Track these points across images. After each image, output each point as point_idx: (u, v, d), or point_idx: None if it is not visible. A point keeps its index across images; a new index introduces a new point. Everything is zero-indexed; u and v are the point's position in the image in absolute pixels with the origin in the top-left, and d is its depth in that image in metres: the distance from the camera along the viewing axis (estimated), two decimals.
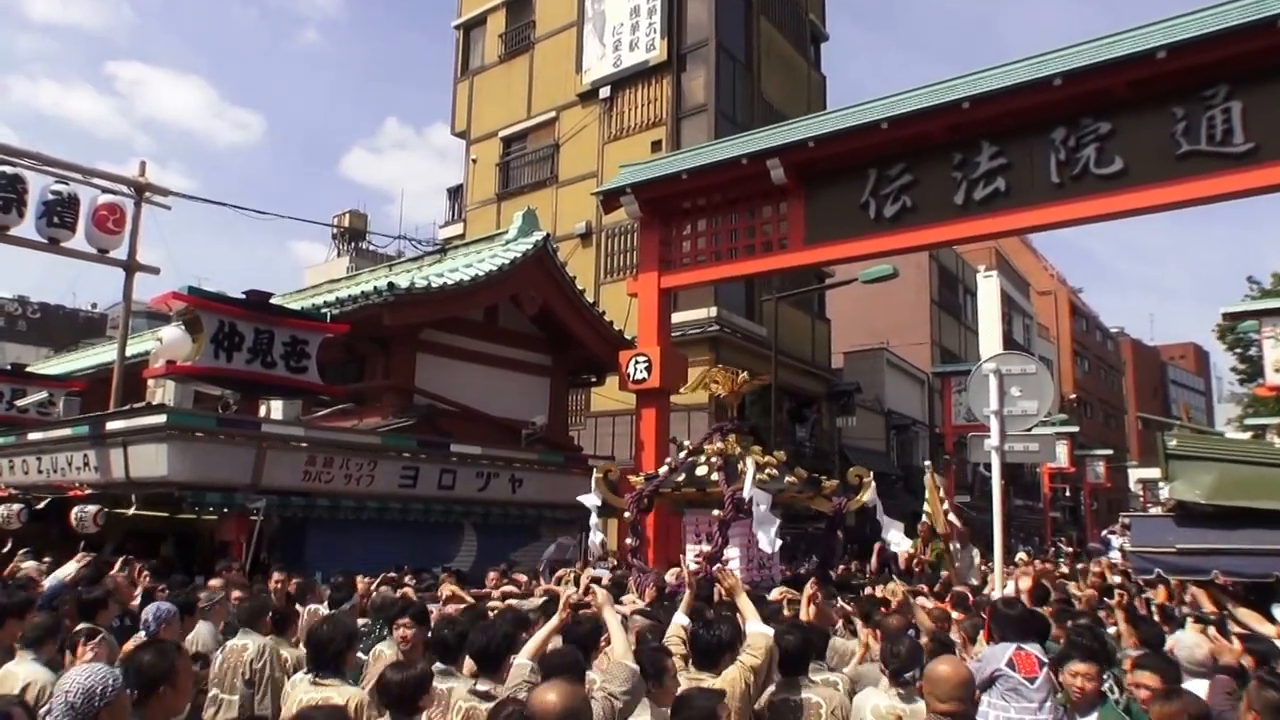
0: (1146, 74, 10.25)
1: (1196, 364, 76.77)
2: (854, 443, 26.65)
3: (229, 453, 10.25)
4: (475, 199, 25.75)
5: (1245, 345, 24.51)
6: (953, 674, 3.41)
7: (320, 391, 11.93)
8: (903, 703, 4.15)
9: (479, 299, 13.95)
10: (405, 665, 3.82)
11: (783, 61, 24.43)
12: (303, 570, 9.55)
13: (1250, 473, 7.30)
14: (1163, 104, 10.37)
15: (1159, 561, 6.93)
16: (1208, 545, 6.71)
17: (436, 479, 12.57)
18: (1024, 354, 8.94)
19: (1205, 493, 7.10)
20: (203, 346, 10.18)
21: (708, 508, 10.01)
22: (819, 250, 13.38)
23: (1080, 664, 4.22)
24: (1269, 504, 6.77)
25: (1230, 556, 6.52)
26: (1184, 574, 6.73)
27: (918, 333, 34.02)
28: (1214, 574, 6.20)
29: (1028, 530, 34.96)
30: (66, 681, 2.74)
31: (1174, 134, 10.26)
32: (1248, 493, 6.96)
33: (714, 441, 10.50)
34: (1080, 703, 4.20)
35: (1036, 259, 54.13)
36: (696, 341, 19.66)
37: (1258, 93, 9.81)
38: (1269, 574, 6.37)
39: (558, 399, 16.15)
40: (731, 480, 9.62)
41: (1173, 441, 8.18)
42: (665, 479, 10.54)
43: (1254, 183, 9.99)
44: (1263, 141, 9.76)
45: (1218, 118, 10.00)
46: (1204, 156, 10.10)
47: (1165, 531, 7.18)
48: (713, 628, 4.32)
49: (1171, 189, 10.36)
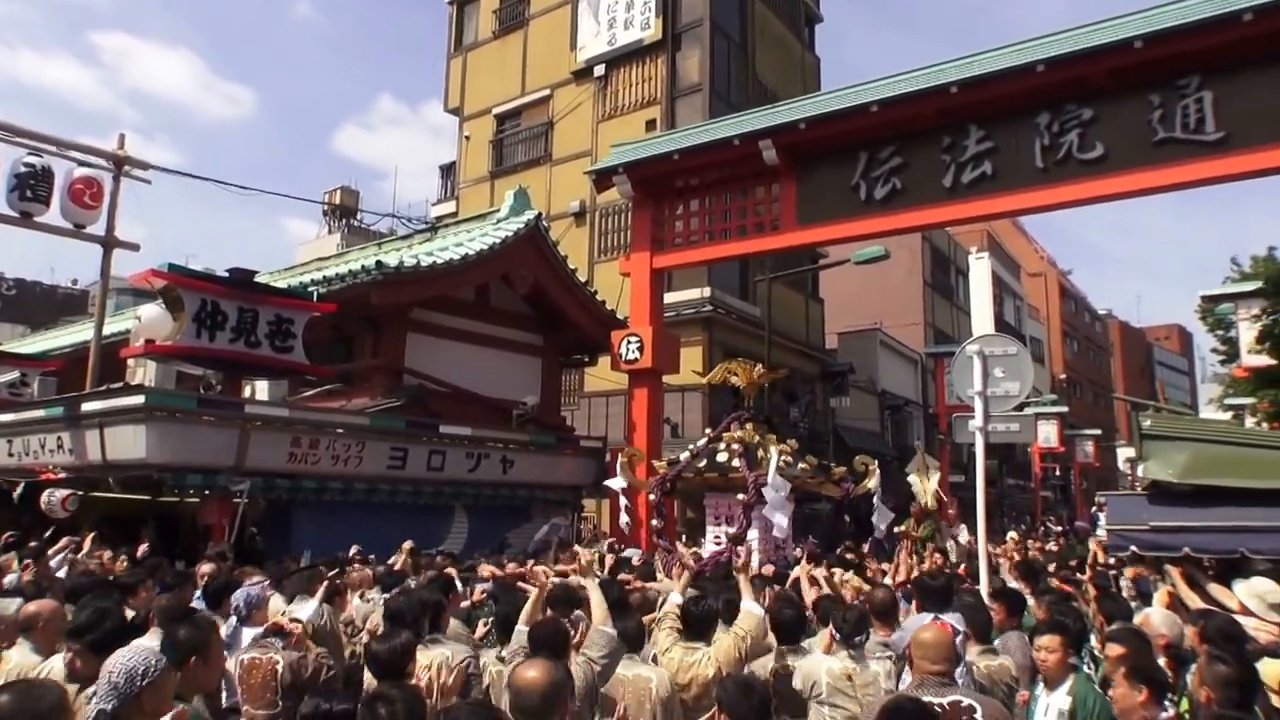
0: (1125, 62, 10.57)
1: (1181, 345, 77.14)
2: (848, 423, 26.67)
3: (211, 434, 10.06)
4: (468, 177, 25.55)
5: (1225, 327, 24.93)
6: (938, 639, 3.65)
7: (306, 372, 11.82)
8: (853, 663, 4.55)
9: (470, 278, 13.82)
10: (391, 635, 3.96)
11: (777, 42, 24.24)
12: (289, 554, 9.49)
13: (1220, 452, 7.42)
14: (1141, 92, 10.71)
15: (1133, 539, 7.00)
16: (1179, 523, 6.80)
17: (426, 460, 12.46)
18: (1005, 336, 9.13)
19: (1178, 471, 7.17)
20: (184, 325, 10.01)
21: (729, 492, 10.92)
22: (811, 231, 13.42)
23: (1044, 637, 4.38)
24: (1237, 482, 6.88)
25: (1200, 534, 6.65)
26: (1157, 551, 6.85)
27: (911, 313, 34.00)
28: (1183, 550, 6.35)
29: (1019, 510, 35.07)
30: (111, 662, 2.82)
31: (1151, 121, 10.61)
32: (1218, 471, 7.08)
33: (733, 429, 11.23)
34: (1049, 674, 4.35)
35: (1027, 241, 54.12)
36: (690, 322, 19.59)
37: (1227, 83, 10.23)
38: (1235, 550, 6.48)
39: (550, 379, 16.05)
40: (753, 466, 10.46)
41: (1147, 422, 8.26)
42: (688, 464, 11.32)
43: (1225, 170, 10.38)
44: (1233, 130, 10.14)
45: (1191, 106, 10.38)
46: (1179, 144, 10.48)
47: (1139, 510, 7.23)
48: (700, 602, 4.77)
49: (1150, 174, 10.71)
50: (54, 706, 2.43)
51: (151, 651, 2.93)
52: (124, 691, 2.74)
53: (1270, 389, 18.35)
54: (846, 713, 4.45)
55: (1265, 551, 6.39)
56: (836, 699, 4.45)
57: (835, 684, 4.48)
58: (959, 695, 3.50)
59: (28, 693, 2.44)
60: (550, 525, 13.53)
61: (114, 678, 2.77)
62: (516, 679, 2.82)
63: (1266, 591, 5.31)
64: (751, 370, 11.78)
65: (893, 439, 29.73)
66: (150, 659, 2.85)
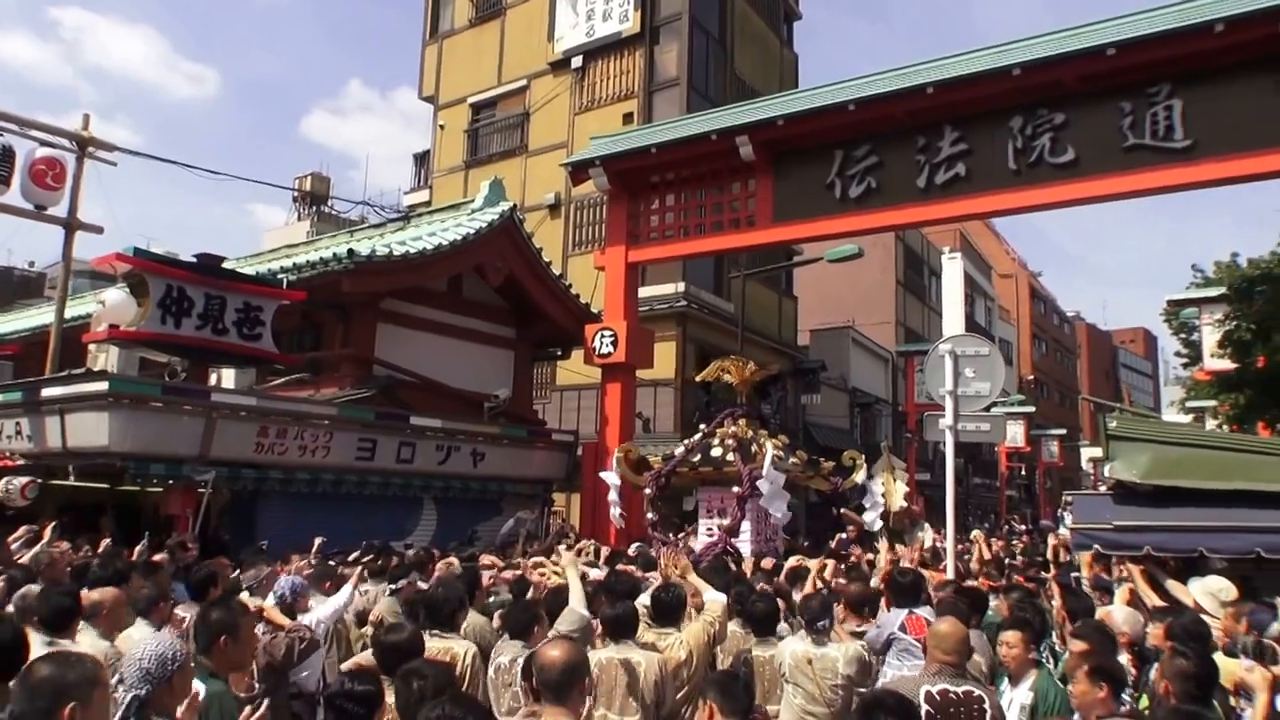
0: (1098, 69, 10.69)
1: (1145, 348, 78.44)
2: (818, 420, 26.77)
3: (176, 422, 9.91)
4: (442, 166, 25.28)
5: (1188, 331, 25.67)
6: (953, 631, 3.87)
7: (275, 360, 11.66)
8: (815, 647, 4.85)
9: (443, 268, 13.69)
10: (398, 628, 4.23)
11: (756, 38, 24.21)
12: (254, 545, 9.34)
13: (1182, 453, 7.61)
14: (1112, 98, 10.85)
15: (1097, 538, 7.17)
16: (1141, 522, 6.95)
17: (395, 452, 12.38)
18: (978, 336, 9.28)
19: (1141, 472, 7.37)
20: (149, 311, 9.82)
21: (723, 486, 11.38)
22: (786, 228, 13.46)
23: (1008, 633, 4.50)
24: (1197, 483, 7.07)
25: (1161, 533, 6.80)
26: (1120, 550, 6.98)
27: (883, 312, 34.20)
28: (1145, 549, 6.50)
29: (985, 508, 35.46)
30: (139, 650, 2.95)
31: (1122, 128, 10.75)
32: (1178, 472, 7.27)
33: (726, 425, 11.67)
34: (1012, 669, 4.47)
35: (999, 243, 54.63)
36: (664, 317, 19.54)
37: (1196, 92, 10.38)
38: (1195, 549, 6.65)
39: (522, 372, 15.95)
40: (747, 461, 10.92)
41: (1113, 423, 8.49)
42: (682, 459, 11.78)
43: (1192, 177, 10.56)
44: (1200, 139, 10.30)
45: (1160, 114, 10.54)
46: (1148, 150, 10.62)
47: (1103, 509, 7.42)
48: (669, 590, 5.09)
49: (1119, 180, 10.87)
50: (84, 678, 2.43)
51: (177, 640, 3.08)
52: (156, 676, 2.86)
53: (1231, 392, 18.58)
54: (805, 691, 4.79)
55: (1222, 550, 6.65)
56: (798, 679, 4.81)
57: (797, 665, 4.81)
58: (971, 686, 3.69)
59: (63, 663, 2.48)
60: (516, 519, 13.45)
61: (145, 664, 2.87)
62: (541, 657, 3.06)
63: (1219, 590, 5.45)
64: (744, 368, 12.10)
65: (861, 436, 29.85)
66: (177, 645, 2.99)
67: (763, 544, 11.01)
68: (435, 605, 4.84)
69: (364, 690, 3.27)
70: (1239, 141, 10.11)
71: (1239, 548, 6.59)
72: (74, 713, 2.35)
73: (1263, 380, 16.99)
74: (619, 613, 4.58)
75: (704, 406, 21.12)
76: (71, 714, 2.34)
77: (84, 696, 2.39)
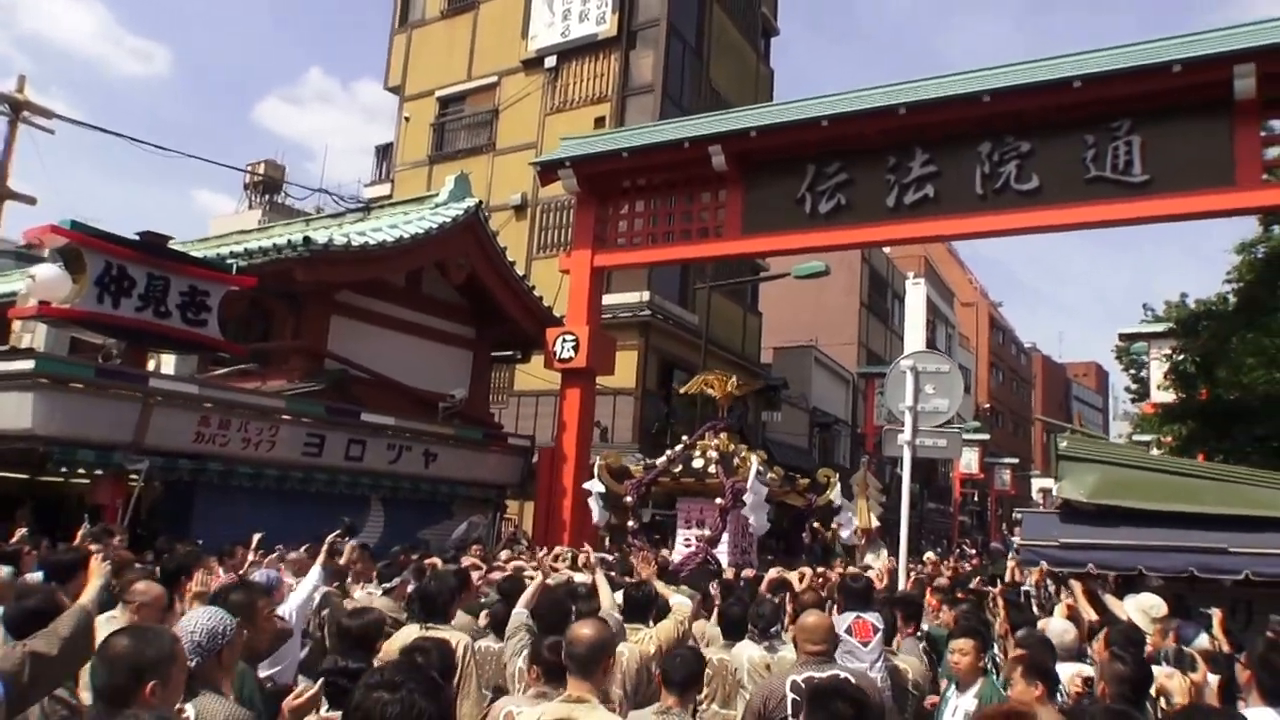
0: (1064, 100, 10.96)
1: (1098, 383, 79.93)
2: (778, 437, 26.65)
3: (108, 407, 9.39)
4: (406, 159, 24.80)
5: (1138, 366, 26.79)
6: (820, 623, 4.27)
7: (220, 348, 11.17)
8: (769, 653, 5.07)
9: (403, 262, 13.30)
10: (363, 612, 4.32)
11: (732, 50, 24.14)
12: (187, 539, 8.88)
13: (1127, 475, 7.98)
14: (1077, 130, 11.12)
15: (1044, 554, 7.53)
16: (1086, 540, 7.35)
17: (345, 449, 11.96)
18: (939, 353, 9.42)
19: (1087, 491, 7.73)
20: (85, 288, 9.28)
21: (703, 497, 11.74)
22: (755, 240, 13.41)
23: (960, 640, 4.68)
24: (1140, 504, 7.46)
25: (1104, 551, 7.19)
26: (1065, 566, 7.26)
27: (845, 333, 34.30)
28: (1088, 566, 6.92)
29: (938, 533, 35.65)
30: (190, 623, 3.01)
31: (1084, 159, 11.01)
32: (1122, 493, 7.64)
33: (708, 438, 12.04)
34: (961, 675, 4.63)
35: (962, 271, 55.28)
36: (627, 325, 19.29)
37: (1155, 129, 10.72)
38: (1135, 567, 7.08)
39: (480, 373, 15.58)
40: (730, 474, 11.28)
41: (1063, 443, 8.89)
42: (664, 469, 12.08)
43: (1148, 211, 10.89)
44: (1156, 175, 10.62)
45: (1121, 148, 10.82)
46: (1108, 183, 10.90)
47: (1051, 527, 7.79)
48: (640, 588, 5.49)
49: (1080, 210, 11.15)
50: (163, 655, 2.52)
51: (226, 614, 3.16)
52: (207, 649, 2.93)
53: (1175, 423, 19.10)
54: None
55: (1160, 569, 7.10)
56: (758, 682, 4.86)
57: (754, 670, 4.97)
58: (836, 670, 4.06)
59: (141, 638, 2.57)
60: (469, 523, 13.11)
61: (196, 637, 2.92)
62: (572, 635, 3.34)
63: (1150, 606, 5.73)
64: (726, 383, 12.48)
65: (820, 456, 29.82)
66: (226, 619, 3.08)
67: (739, 555, 11.37)
68: (430, 598, 4.92)
69: (358, 667, 3.36)
70: (1192, 180, 10.44)
71: (1175, 567, 7.03)
72: (155, 690, 2.43)
73: (1205, 412, 17.43)
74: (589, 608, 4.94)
75: (664, 418, 20.96)
76: (153, 691, 2.43)
77: (163, 674, 2.48)
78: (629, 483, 12.09)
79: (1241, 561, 6.82)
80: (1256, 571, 6.75)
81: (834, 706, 2.74)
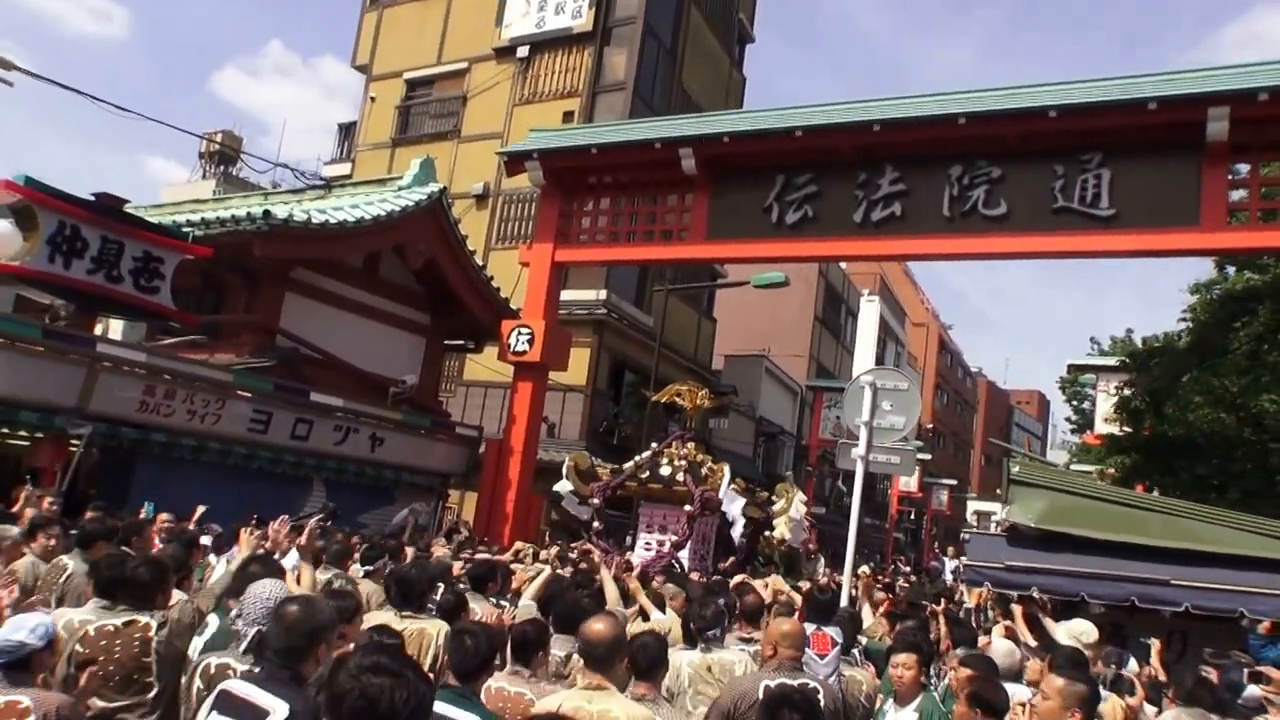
0: (1038, 129, 10.98)
1: (1039, 411, 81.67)
2: (723, 444, 26.80)
3: (54, 369, 9.17)
4: (368, 140, 24.47)
5: (1081, 399, 27.46)
6: (794, 630, 4.33)
7: (171, 317, 10.95)
8: (709, 654, 5.00)
9: (361, 243, 13.15)
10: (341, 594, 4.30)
11: (707, 54, 24.24)
12: (124, 509, 8.68)
13: (1075, 503, 8.16)
14: (1048, 160, 11.17)
15: (989, 575, 7.63)
16: (1031, 564, 7.47)
17: (290, 427, 11.81)
18: (899, 371, 9.54)
19: (1035, 517, 7.85)
20: (36, 246, 9.04)
21: (669, 504, 12.13)
22: (718, 246, 13.45)
23: (901, 654, 4.70)
24: (1085, 532, 7.62)
25: (1048, 575, 7.26)
26: (1009, 588, 7.35)
27: (797, 345, 34.63)
28: (1032, 589, 6.87)
29: (871, 548, 36.16)
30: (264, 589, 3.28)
31: (1053, 189, 11.07)
32: (1070, 520, 7.78)
33: (676, 447, 12.37)
34: (902, 690, 4.63)
35: (915, 291, 56.16)
36: (582, 322, 19.27)
37: (1124, 164, 10.78)
38: (1077, 593, 7.18)
39: (432, 361, 15.45)
40: (698, 483, 11.66)
41: (1015, 468, 9.01)
42: (631, 474, 12.40)
43: (1111, 246, 10.99)
44: (1122, 209, 10.70)
45: (1090, 181, 10.88)
46: (1075, 214, 10.96)
47: (998, 549, 7.92)
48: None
49: (1045, 239, 11.24)
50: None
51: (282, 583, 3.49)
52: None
53: (1119, 454, 19.64)
54: (709, 698, 4.79)
55: (1101, 596, 7.22)
56: (700, 687, 4.88)
57: (697, 674, 4.91)
58: (806, 679, 4.06)
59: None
60: (411, 509, 13.04)
61: (270, 602, 3.15)
62: (587, 631, 3.47)
63: (1081, 632, 5.82)
64: (696, 394, 12.94)
65: (763, 465, 30.12)
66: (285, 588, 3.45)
67: (697, 562, 11.65)
68: (408, 584, 4.92)
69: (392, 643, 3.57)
70: (1157, 217, 10.55)
71: (1116, 595, 7.14)
72: (325, 651, 2.80)
73: (1149, 447, 17.89)
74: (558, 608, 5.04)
75: (612, 418, 21.01)
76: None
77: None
78: (595, 485, 12.28)
79: (1182, 594, 6.95)
80: (1196, 605, 6.87)
81: (781, 714, 2.79)
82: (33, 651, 3.07)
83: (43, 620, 3.21)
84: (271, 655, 2.79)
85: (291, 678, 2.70)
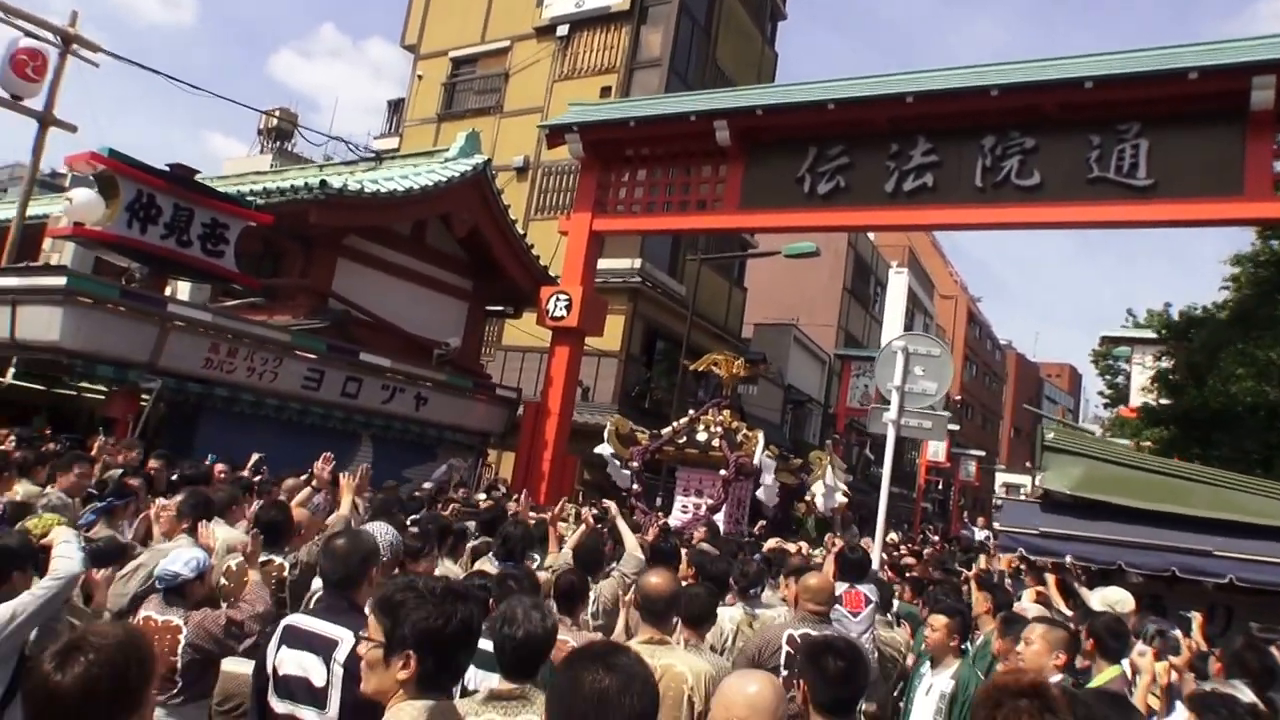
0: (1074, 100, 10.94)
1: (1070, 384, 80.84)
2: (751, 411, 27.26)
3: (130, 327, 9.84)
4: (415, 115, 25.13)
5: (1114, 373, 26.65)
6: (823, 585, 4.39)
7: (234, 280, 11.62)
8: (752, 611, 5.20)
9: (409, 212, 13.74)
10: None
11: (740, 31, 24.51)
12: (190, 459, 9.36)
13: (1113, 471, 7.96)
14: (1083, 130, 11.09)
15: (1022, 541, 7.50)
16: (1066, 531, 7.33)
17: (341, 385, 12.45)
18: (932, 337, 9.65)
19: (1071, 484, 7.72)
20: (117, 213, 9.73)
21: (706, 468, 12.74)
22: (751, 216, 13.74)
23: (935, 616, 4.74)
24: (1124, 500, 7.44)
25: (1084, 543, 7.15)
26: (1043, 554, 7.29)
27: (826, 315, 34.88)
28: (1067, 557, 6.82)
29: (899, 517, 36.48)
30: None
31: (1089, 159, 11.00)
32: (1107, 488, 7.61)
33: (711, 414, 12.99)
34: (935, 652, 4.66)
35: (944, 263, 55.90)
36: (617, 290, 19.79)
37: (1163, 135, 10.65)
38: (1115, 562, 7.04)
39: (474, 324, 16.07)
40: (734, 448, 12.21)
41: (1050, 434, 8.85)
42: (669, 439, 13.07)
43: (1149, 215, 10.90)
44: (1160, 179, 10.60)
45: (1127, 151, 10.79)
46: (1110, 184, 10.89)
47: (1031, 515, 7.80)
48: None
49: (1079, 209, 11.15)
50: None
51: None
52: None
53: (1156, 426, 19.25)
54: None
55: (1141, 566, 7.04)
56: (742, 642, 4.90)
57: (739, 630, 5.00)
58: (830, 630, 4.05)
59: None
60: (450, 465, 13.68)
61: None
62: (645, 585, 3.67)
63: (1117, 600, 5.82)
64: (732, 363, 13.51)
65: (790, 433, 30.56)
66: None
67: (732, 525, 12.19)
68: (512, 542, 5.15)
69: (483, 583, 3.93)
70: (1196, 187, 10.39)
71: (1156, 565, 7.00)
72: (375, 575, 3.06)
73: (1189, 418, 17.38)
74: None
75: (644, 383, 21.57)
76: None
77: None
78: (635, 449, 12.98)
79: (1226, 566, 6.72)
80: (1241, 577, 6.65)
81: (825, 661, 2.72)
82: (185, 581, 3.75)
83: (196, 554, 3.89)
84: (329, 587, 3.01)
85: (350, 606, 2.85)
